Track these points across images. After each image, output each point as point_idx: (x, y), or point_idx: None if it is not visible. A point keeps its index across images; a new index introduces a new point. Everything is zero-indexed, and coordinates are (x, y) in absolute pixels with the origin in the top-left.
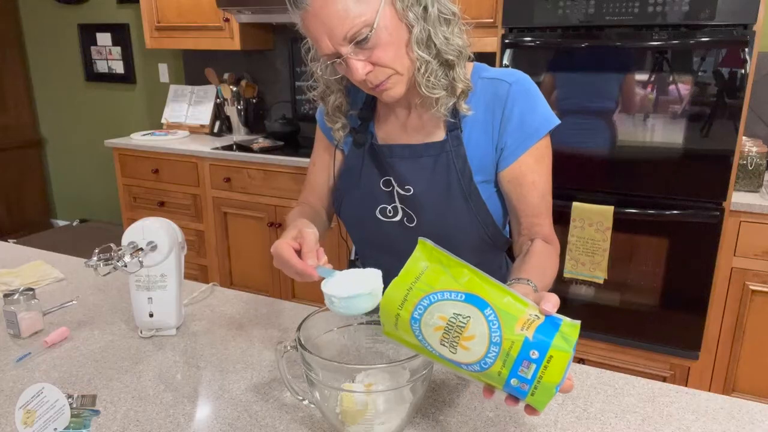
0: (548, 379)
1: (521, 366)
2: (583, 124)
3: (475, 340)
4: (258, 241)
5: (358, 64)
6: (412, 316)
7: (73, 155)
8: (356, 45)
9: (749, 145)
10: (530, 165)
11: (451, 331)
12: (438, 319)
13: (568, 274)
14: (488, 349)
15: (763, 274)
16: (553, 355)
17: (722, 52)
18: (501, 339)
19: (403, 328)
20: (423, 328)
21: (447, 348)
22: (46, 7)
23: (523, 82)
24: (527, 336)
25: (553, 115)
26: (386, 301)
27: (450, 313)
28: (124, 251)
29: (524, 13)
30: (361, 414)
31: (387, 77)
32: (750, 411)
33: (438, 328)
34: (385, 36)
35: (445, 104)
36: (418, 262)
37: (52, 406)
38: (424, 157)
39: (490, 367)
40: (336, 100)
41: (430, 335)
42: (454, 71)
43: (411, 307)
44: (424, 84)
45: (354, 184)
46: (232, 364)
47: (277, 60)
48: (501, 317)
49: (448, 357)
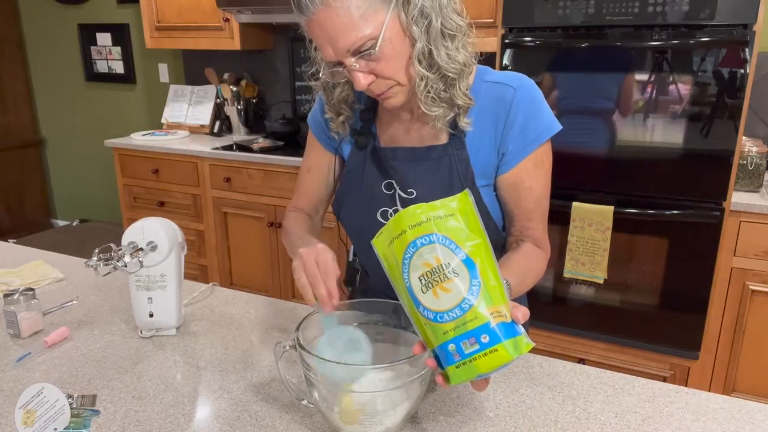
0: (479, 365)
1: (468, 339)
2: (583, 124)
3: (449, 294)
4: (258, 241)
5: (361, 75)
6: (414, 241)
7: (73, 155)
8: (359, 57)
9: (749, 145)
10: (529, 170)
11: (435, 274)
12: (433, 258)
13: (568, 274)
14: (453, 308)
15: (763, 274)
16: (499, 350)
17: (722, 52)
18: (468, 308)
19: (398, 247)
20: (415, 257)
21: (421, 284)
22: (46, 7)
23: (528, 87)
24: (490, 321)
25: (555, 121)
26: (404, 215)
27: (445, 261)
28: (124, 251)
29: (524, 13)
30: (360, 414)
31: (389, 87)
32: (750, 411)
33: (426, 264)
34: (388, 49)
35: (442, 119)
36: (450, 203)
37: (52, 406)
38: (426, 160)
39: (442, 323)
40: (343, 91)
41: (415, 266)
42: (455, 88)
43: (420, 233)
44: (423, 100)
45: (355, 187)
46: (232, 364)
47: (277, 60)
48: (481, 293)
49: (414, 292)
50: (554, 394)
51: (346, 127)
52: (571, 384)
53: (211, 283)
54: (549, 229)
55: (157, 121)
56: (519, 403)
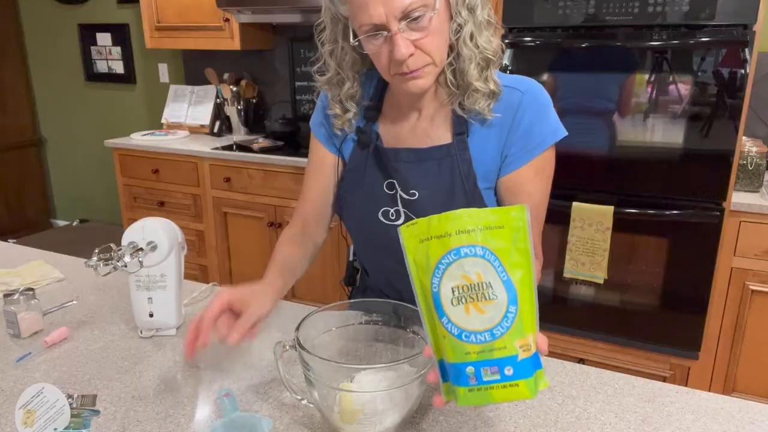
0: (495, 394)
1: (490, 367)
2: (583, 124)
3: (482, 315)
4: (258, 241)
5: (404, 42)
6: (458, 249)
7: (73, 155)
8: (409, 23)
9: (749, 145)
10: (529, 176)
11: (473, 291)
12: (474, 273)
13: (568, 274)
14: (483, 331)
15: (763, 274)
16: (519, 386)
17: (722, 52)
18: (500, 336)
19: (436, 248)
20: (454, 266)
21: (452, 296)
22: (46, 7)
23: (536, 92)
24: (518, 354)
25: (560, 127)
26: (451, 217)
27: (486, 279)
28: (124, 251)
29: (524, 13)
30: (360, 414)
31: (424, 65)
32: (750, 411)
33: (466, 277)
34: (437, 23)
35: (476, 101)
36: (510, 212)
37: (52, 406)
38: (429, 160)
39: (467, 343)
40: (351, 87)
41: (451, 275)
42: (489, 70)
43: (466, 242)
44: (468, 71)
45: (357, 186)
46: (232, 364)
47: (277, 60)
48: (515, 322)
49: (441, 301)
50: (554, 394)
51: (353, 124)
52: (571, 384)
53: (211, 283)
54: (549, 229)
55: (157, 121)
56: (519, 403)
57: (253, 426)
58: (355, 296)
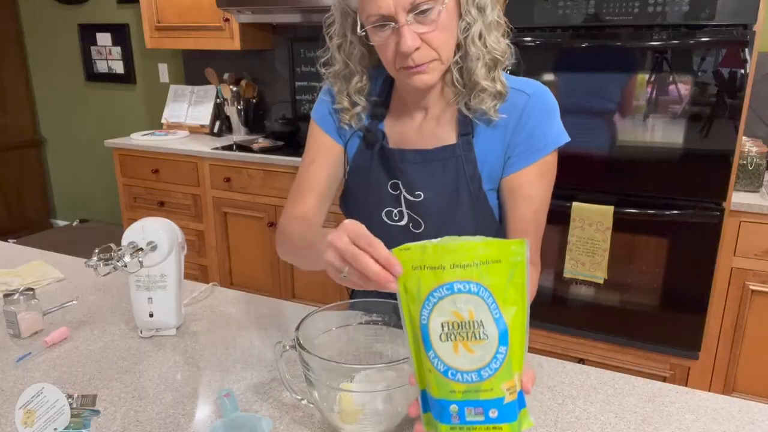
0: None
1: (475, 408)
2: (583, 124)
3: (471, 355)
4: (258, 241)
5: (411, 35)
6: (451, 284)
7: (73, 155)
8: (417, 16)
9: (749, 145)
10: (531, 179)
11: (463, 329)
12: (466, 310)
13: (568, 274)
14: (470, 371)
15: (763, 274)
16: (503, 429)
17: (722, 52)
18: (487, 378)
19: (429, 279)
20: (446, 301)
21: (441, 331)
22: (46, 7)
23: (543, 96)
24: (504, 397)
25: (563, 133)
26: (448, 248)
27: (478, 318)
28: (124, 251)
29: (524, 13)
30: (360, 414)
31: (430, 60)
32: (750, 411)
33: (457, 314)
34: (445, 19)
35: (488, 99)
36: (509, 246)
37: (52, 406)
38: (434, 161)
39: (453, 381)
40: (359, 81)
41: (442, 310)
42: (496, 71)
43: (461, 277)
44: (477, 72)
45: (360, 184)
46: (232, 364)
47: (277, 60)
48: (504, 363)
49: (430, 336)
50: (554, 394)
51: (361, 118)
52: (571, 384)
53: (211, 283)
54: (549, 229)
55: (157, 121)
56: None
57: (253, 426)
58: (356, 296)
